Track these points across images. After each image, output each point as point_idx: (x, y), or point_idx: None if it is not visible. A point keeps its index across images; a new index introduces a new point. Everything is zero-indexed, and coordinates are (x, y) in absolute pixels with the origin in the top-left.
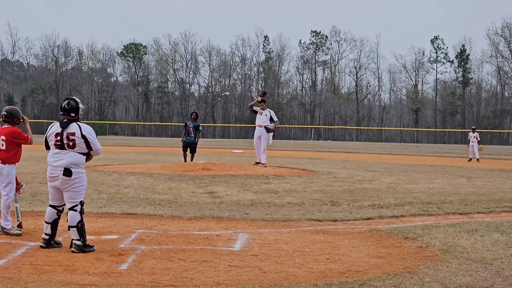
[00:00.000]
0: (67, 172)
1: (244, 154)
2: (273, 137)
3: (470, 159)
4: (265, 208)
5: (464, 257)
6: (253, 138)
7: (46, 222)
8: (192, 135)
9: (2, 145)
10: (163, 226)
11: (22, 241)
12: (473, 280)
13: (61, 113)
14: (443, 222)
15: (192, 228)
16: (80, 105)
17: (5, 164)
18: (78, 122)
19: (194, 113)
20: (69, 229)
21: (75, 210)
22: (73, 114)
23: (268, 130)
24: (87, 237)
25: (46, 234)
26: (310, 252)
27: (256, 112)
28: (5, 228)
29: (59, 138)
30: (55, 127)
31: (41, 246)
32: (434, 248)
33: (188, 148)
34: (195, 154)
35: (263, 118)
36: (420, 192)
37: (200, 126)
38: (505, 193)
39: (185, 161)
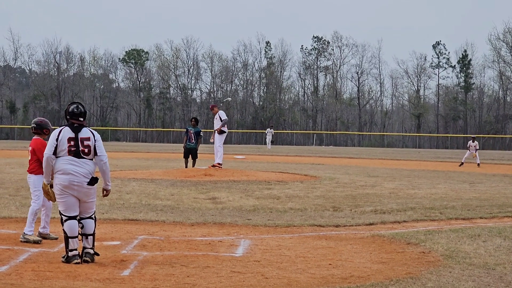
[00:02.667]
0: (94, 181)
1: (246, 159)
2: (274, 143)
3: (462, 164)
4: (267, 214)
5: (467, 263)
6: (254, 144)
7: (71, 237)
8: (193, 141)
9: (30, 155)
10: (165, 232)
11: (25, 247)
12: (475, 285)
13: (68, 117)
14: (445, 228)
15: (194, 234)
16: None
17: (31, 173)
18: (88, 128)
19: (193, 119)
20: (86, 238)
21: (92, 218)
22: (82, 119)
23: (218, 132)
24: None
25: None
26: (312, 258)
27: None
28: (26, 235)
29: (73, 143)
30: (66, 132)
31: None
32: (437, 254)
33: (190, 154)
34: (196, 159)
35: (216, 122)
36: (423, 197)
37: (201, 132)
38: (508, 198)
39: (186, 167)
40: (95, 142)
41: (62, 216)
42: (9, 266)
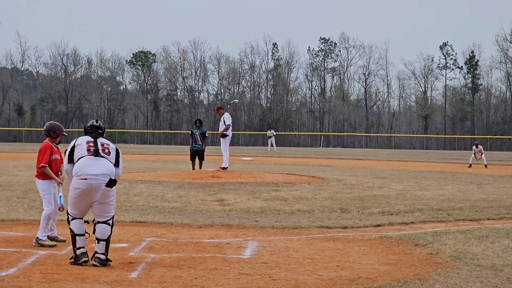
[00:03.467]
0: (112, 183)
1: (254, 161)
2: (279, 144)
3: (470, 165)
4: (275, 216)
5: (475, 264)
6: (261, 146)
7: (78, 235)
8: (200, 143)
9: (37, 159)
10: (173, 234)
11: (33, 250)
12: (483, 286)
13: (88, 128)
14: (453, 229)
15: (202, 236)
16: None
17: (38, 178)
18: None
19: (198, 121)
20: (98, 242)
21: (108, 224)
22: (100, 131)
23: (220, 135)
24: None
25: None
26: (320, 260)
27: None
28: (40, 239)
29: (92, 144)
30: (84, 138)
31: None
32: (444, 255)
33: (196, 156)
34: (203, 161)
35: (221, 124)
36: (430, 199)
37: (206, 133)
38: None
39: (193, 169)
40: (116, 151)
41: (69, 215)
42: (17, 269)
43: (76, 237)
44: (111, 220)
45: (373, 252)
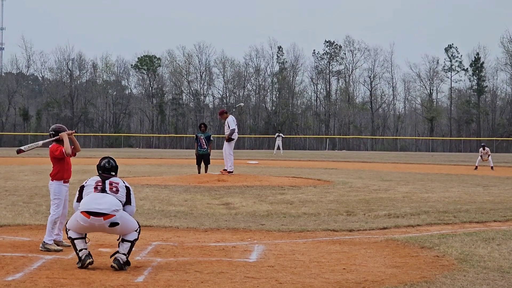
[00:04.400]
0: (114, 225)
1: (259, 165)
2: (285, 147)
3: (476, 167)
4: (281, 219)
5: (481, 266)
6: (267, 149)
7: (77, 238)
8: (205, 147)
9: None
10: (179, 238)
11: (39, 255)
12: None
13: (100, 172)
14: (459, 231)
15: (208, 239)
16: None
17: (52, 180)
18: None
19: (202, 125)
20: (122, 242)
21: (136, 231)
22: (113, 173)
23: (226, 139)
24: (104, 249)
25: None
26: (326, 263)
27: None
28: (46, 244)
29: (100, 184)
30: (94, 178)
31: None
32: (451, 257)
33: (202, 160)
34: (209, 165)
35: (226, 128)
36: (436, 201)
37: (211, 136)
38: None
39: (199, 172)
40: (126, 187)
41: (67, 232)
42: (23, 274)
43: (75, 240)
44: (138, 230)
45: (379, 255)
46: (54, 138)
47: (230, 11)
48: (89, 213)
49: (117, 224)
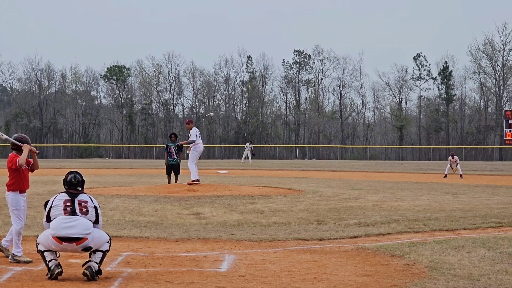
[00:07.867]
0: (87, 249)
1: (230, 174)
2: (255, 157)
3: (446, 175)
4: (251, 228)
5: (451, 274)
6: (237, 159)
7: (46, 250)
8: (175, 157)
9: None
10: (149, 248)
11: (8, 266)
12: None
13: (66, 187)
14: (429, 239)
15: (178, 249)
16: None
17: (8, 191)
18: (86, 193)
19: (173, 135)
20: (94, 253)
21: (107, 242)
22: (80, 188)
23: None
24: (74, 260)
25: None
26: (297, 272)
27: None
28: (15, 256)
29: (69, 204)
30: (62, 196)
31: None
32: (421, 265)
33: (172, 170)
34: (179, 175)
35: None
36: (406, 209)
37: (182, 147)
38: (491, 208)
39: (169, 182)
40: (95, 207)
41: (37, 245)
42: None
43: (44, 253)
44: (108, 242)
45: (350, 263)
46: (18, 142)
47: (199, 21)
48: (61, 239)
49: (90, 248)
